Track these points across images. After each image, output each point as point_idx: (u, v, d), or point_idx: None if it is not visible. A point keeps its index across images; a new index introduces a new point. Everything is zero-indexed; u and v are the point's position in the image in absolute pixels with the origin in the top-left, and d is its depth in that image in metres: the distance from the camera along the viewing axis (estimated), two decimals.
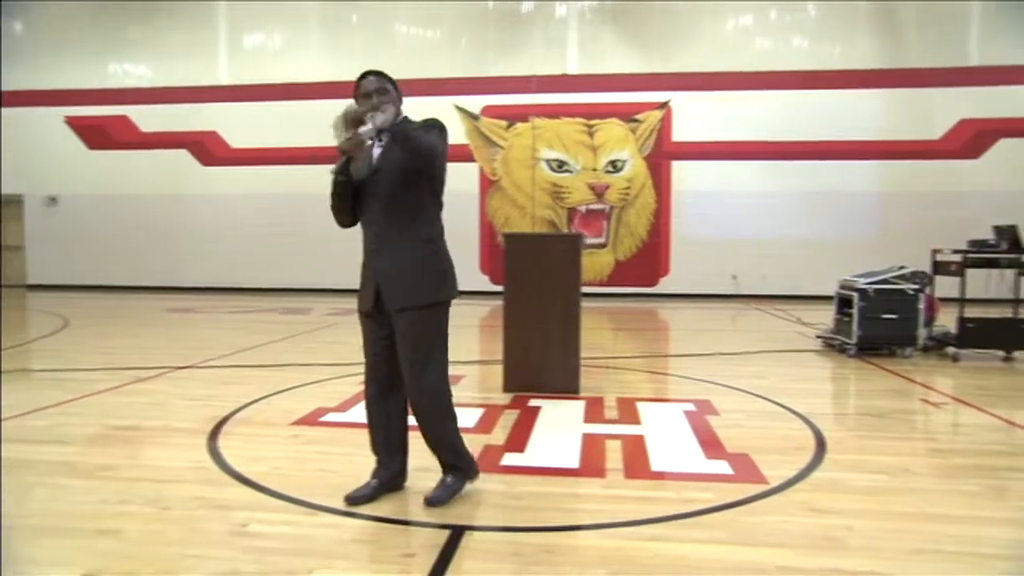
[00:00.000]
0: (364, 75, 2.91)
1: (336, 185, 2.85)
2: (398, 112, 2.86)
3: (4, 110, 14.14)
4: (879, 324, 6.34)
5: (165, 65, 14.03)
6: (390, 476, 3.02)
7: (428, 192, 2.84)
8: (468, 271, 13.02)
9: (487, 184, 13.25)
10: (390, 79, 2.93)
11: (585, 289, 5.17)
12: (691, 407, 4.55)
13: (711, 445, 3.70)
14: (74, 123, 14.25)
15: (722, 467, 3.35)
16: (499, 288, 5.61)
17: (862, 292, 6.37)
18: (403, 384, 2.92)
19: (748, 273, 12.55)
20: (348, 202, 2.88)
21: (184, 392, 4.99)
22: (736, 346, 7.17)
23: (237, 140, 13.84)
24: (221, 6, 13.82)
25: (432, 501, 2.91)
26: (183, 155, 13.99)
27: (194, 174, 13.96)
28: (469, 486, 3.06)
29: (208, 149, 13.93)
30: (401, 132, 2.69)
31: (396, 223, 2.82)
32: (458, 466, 3.02)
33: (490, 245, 13.14)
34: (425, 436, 2.95)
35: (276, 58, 13.73)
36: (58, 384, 5.23)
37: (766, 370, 5.87)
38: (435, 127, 2.80)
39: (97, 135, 14.21)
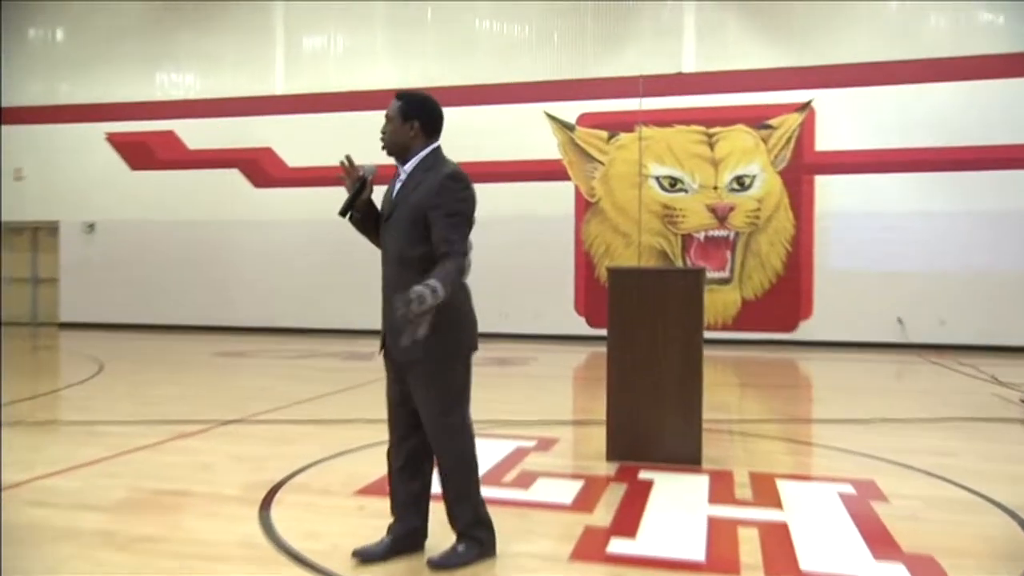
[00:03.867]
0: (395, 95, 3.30)
1: (353, 223, 3.33)
2: (423, 143, 3.24)
3: (38, 127, 15.25)
4: None
5: (215, 74, 14.84)
6: (405, 532, 3.24)
7: None
8: (561, 311, 13.20)
9: (584, 206, 13.35)
10: (415, 102, 3.27)
11: (705, 334, 5.18)
12: (849, 489, 4.39)
13: (880, 541, 3.54)
14: (115, 140, 15.20)
15: (898, 572, 3.19)
16: (600, 332, 5.76)
17: None
18: (422, 434, 3.20)
19: (918, 316, 12.16)
20: (371, 234, 3.35)
21: (233, 451, 5.15)
22: (906, 411, 6.93)
23: (294, 158, 14.41)
24: (278, 7, 14.59)
25: (436, 563, 3.11)
26: (234, 176, 14.67)
27: (246, 197, 14.60)
28: (482, 566, 3.15)
29: (262, 168, 14.55)
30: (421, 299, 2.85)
31: (405, 268, 3.12)
32: (474, 536, 3.19)
33: (587, 280, 13.21)
34: (444, 493, 3.19)
35: (338, 64, 14.31)
36: (93, 439, 5.47)
37: (951, 444, 5.61)
38: (456, 214, 3.06)
39: (140, 153, 15.08)
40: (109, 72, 15.17)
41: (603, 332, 5.21)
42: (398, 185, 3.23)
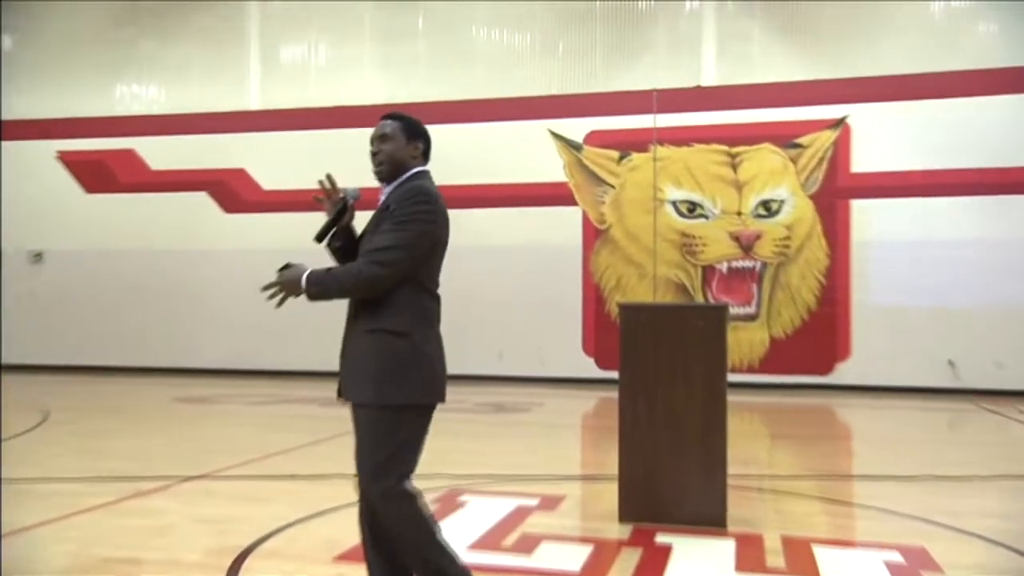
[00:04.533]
0: (384, 117, 3.42)
1: (329, 251, 3.40)
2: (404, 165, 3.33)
3: None
4: None
5: (182, 86, 14.85)
6: None
7: (407, 280, 3.19)
8: (566, 350, 13.19)
9: (593, 235, 13.39)
10: (416, 124, 3.40)
11: (730, 378, 5.19)
12: (897, 558, 4.33)
13: None
14: (69, 159, 15.18)
15: None
16: (611, 375, 5.72)
17: None
18: None
19: (972, 357, 12.04)
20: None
21: (196, 512, 5.09)
22: (960, 466, 6.84)
23: (270, 180, 14.46)
24: (252, 11, 14.69)
25: None
26: (202, 199, 14.65)
27: (215, 223, 14.59)
28: None
29: (233, 191, 14.58)
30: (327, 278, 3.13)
31: (363, 305, 3.22)
32: None
33: (597, 316, 13.22)
34: (404, 557, 3.19)
35: (320, 76, 14.41)
36: (34, 499, 5.39)
37: (1012, 505, 5.55)
38: (404, 223, 3.14)
39: (96, 174, 15.06)
40: (62, 83, 15.19)
41: (615, 375, 5.23)
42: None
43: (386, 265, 3.10)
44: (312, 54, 14.53)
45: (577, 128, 13.40)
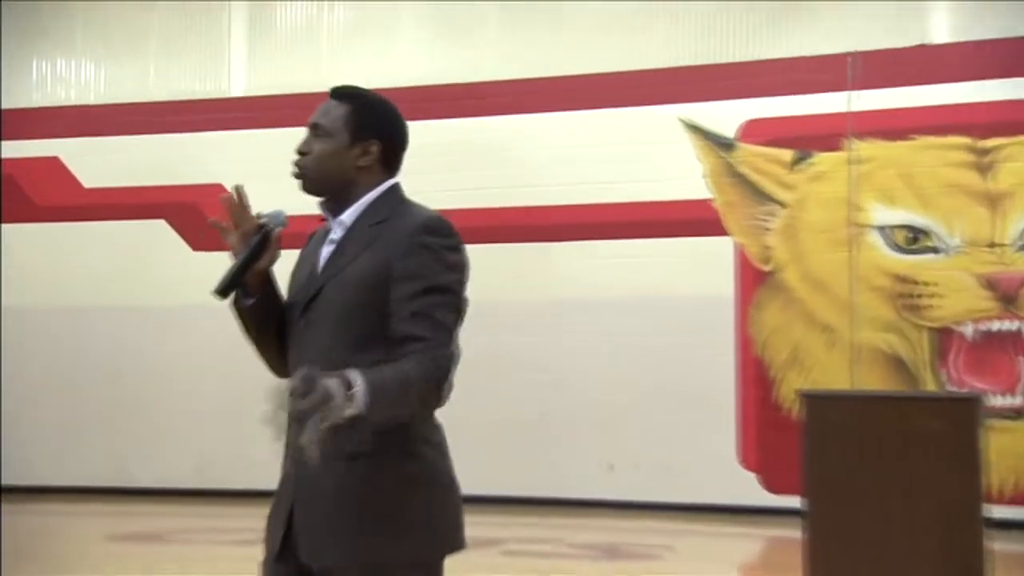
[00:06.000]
0: (330, 93, 3.34)
1: (236, 312, 3.32)
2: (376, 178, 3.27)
3: None
4: None
5: (132, 63, 14.14)
6: None
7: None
8: (712, 462, 12.29)
9: (753, 280, 12.34)
10: (374, 109, 3.30)
11: (990, 511, 5.23)
12: None
13: None
14: None
15: None
16: (787, 503, 6.24)
17: None
18: None
19: None
20: (268, 341, 3.28)
21: None
22: None
23: (262, 201, 13.22)
24: None
25: None
26: (158, 231, 13.87)
27: (178, 267, 13.66)
28: None
29: (204, 219, 13.46)
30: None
31: None
32: None
33: (760, 408, 12.16)
34: None
35: (334, 48, 13.76)
36: None
37: None
38: (440, 290, 2.99)
39: (4, 196, 14.19)
40: None
41: (793, 503, 5.59)
42: (327, 251, 3.19)
43: (446, 357, 2.92)
44: (322, 15, 13.86)
45: (726, 116, 12.41)
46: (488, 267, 12.34)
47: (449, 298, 2.97)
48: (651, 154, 12.49)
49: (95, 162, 13.88)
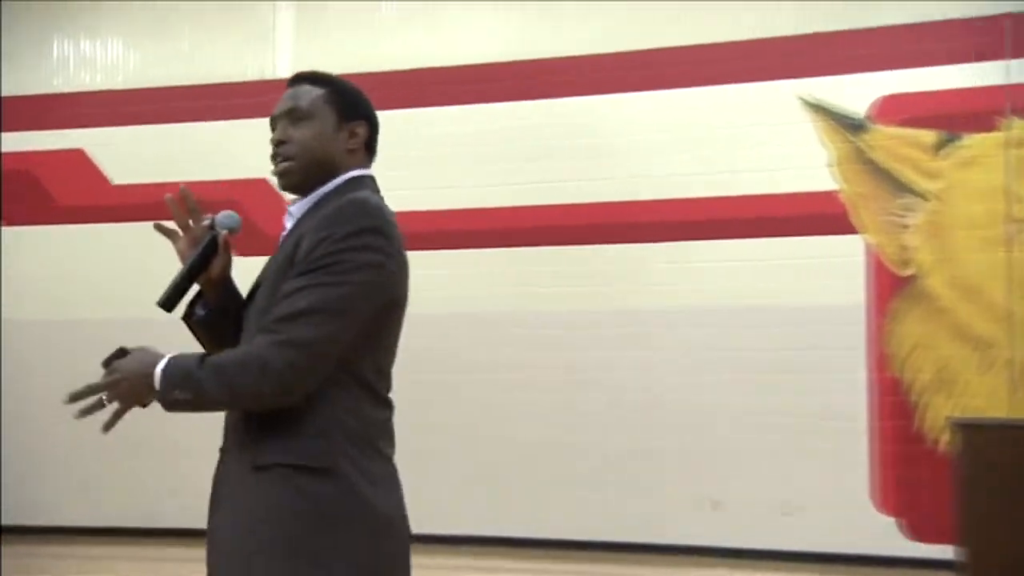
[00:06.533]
0: (293, 79, 3.64)
1: (187, 326, 3.61)
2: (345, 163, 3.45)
3: None
4: None
5: (166, 43, 13.81)
6: None
7: (337, 373, 3.17)
8: (840, 502, 11.61)
9: (887, 286, 11.73)
10: (353, 93, 3.51)
11: None
12: None
13: None
14: None
15: None
16: (935, 553, 6.64)
17: None
18: None
19: None
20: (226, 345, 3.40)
21: None
22: None
23: None
24: None
25: None
26: None
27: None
28: None
29: (249, 220, 13.08)
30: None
31: (250, 420, 3.16)
32: None
33: (899, 438, 11.49)
34: None
35: (394, 22, 13.40)
36: None
37: None
38: (326, 268, 3.07)
39: (21, 194, 13.96)
40: None
41: (941, 553, 6.02)
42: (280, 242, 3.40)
43: (306, 346, 2.96)
44: None
45: (856, 92, 11.77)
46: (567, 273, 11.74)
47: (330, 284, 2.97)
48: (764, 139, 11.99)
49: (123, 155, 13.60)
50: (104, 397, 3.04)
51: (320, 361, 2.98)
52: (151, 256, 12.98)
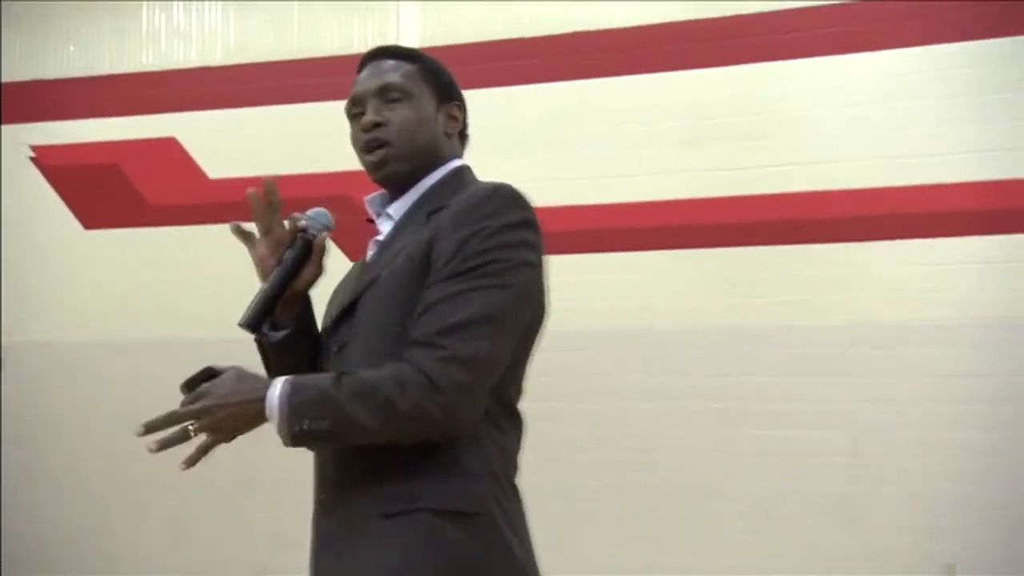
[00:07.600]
0: (373, 54, 3.30)
1: (259, 347, 3.26)
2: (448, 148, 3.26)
3: None
4: None
5: (272, 12, 12.71)
6: None
7: None
8: None
9: None
10: (445, 71, 3.27)
11: None
12: None
13: None
14: (50, 164, 13.10)
15: None
16: None
17: None
18: None
19: None
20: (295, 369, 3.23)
21: None
22: None
23: None
24: None
25: None
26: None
27: (335, 278, 12.23)
28: None
29: (361, 219, 11.99)
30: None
31: (364, 455, 2.90)
32: None
33: None
34: None
35: None
36: None
37: None
38: (484, 267, 2.79)
39: (104, 191, 12.79)
40: (35, 13, 13.08)
41: None
42: (371, 253, 3.25)
43: (476, 363, 2.68)
44: None
45: None
46: (740, 280, 10.18)
47: (488, 298, 2.72)
48: (917, 116, 10.39)
49: (220, 144, 12.40)
50: (191, 428, 2.71)
51: (490, 381, 2.75)
52: (235, 265, 12.34)
